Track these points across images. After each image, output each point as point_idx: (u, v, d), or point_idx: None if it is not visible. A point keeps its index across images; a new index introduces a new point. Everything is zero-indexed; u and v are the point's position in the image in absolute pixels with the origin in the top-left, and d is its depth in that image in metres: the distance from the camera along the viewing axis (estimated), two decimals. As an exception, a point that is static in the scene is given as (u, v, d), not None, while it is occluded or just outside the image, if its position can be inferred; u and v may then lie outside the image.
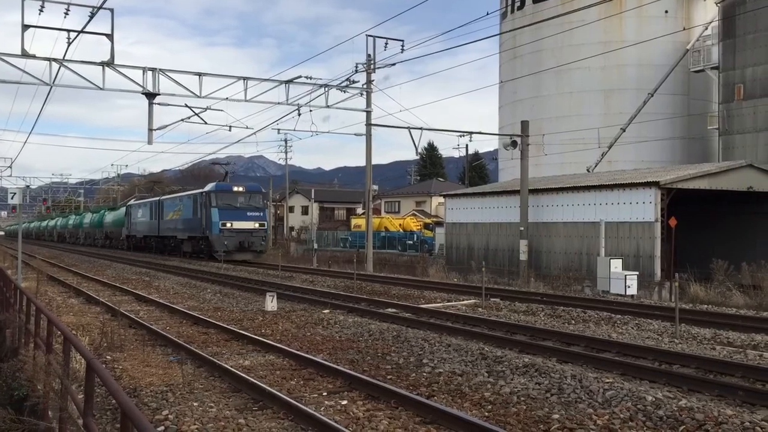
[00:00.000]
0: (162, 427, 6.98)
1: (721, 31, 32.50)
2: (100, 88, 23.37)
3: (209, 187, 37.31)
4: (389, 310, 16.07)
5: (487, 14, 25.31)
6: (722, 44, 32.37)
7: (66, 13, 21.33)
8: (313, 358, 10.13)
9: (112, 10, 21.87)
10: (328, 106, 28.74)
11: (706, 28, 35.34)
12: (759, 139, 30.66)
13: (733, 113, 31.72)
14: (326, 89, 28.54)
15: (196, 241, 37.57)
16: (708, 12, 36.68)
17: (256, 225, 35.90)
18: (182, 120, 27.97)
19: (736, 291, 20.04)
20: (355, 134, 35.18)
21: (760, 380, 8.76)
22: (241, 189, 36.65)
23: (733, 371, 9.17)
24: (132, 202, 54.04)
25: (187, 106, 26.66)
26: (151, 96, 23.93)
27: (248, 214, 35.73)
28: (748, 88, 31.26)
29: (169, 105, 26.03)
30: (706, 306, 17.42)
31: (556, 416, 7.22)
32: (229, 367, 9.30)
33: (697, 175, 23.90)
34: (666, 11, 36.62)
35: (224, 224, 34.71)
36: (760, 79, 30.77)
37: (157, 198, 46.47)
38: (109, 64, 22.89)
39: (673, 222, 22.44)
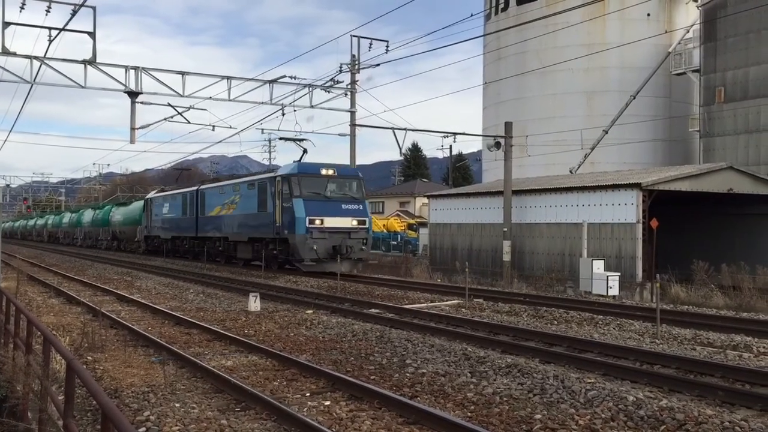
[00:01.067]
0: (143, 429, 6.93)
1: (703, 35, 32.83)
2: (82, 87, 23.21)
3: (288, 168, 26.71)
4: (373, 310, 16.06)
5: (472, 15, 25.53)
6: (703, 47, 32.70)
7: (48, 11, 21.19)
8: (296, 358, 10.11)
9: (94, 8, 21.78)
10: (312, 107, 28.75)
11: (688, 31, 35.69)
12: (739, 142, 31.01)
13: (714, 116, 32.05)
14: (310, 89, 28.55)
15: (263, 244, 27.69)
16: (690, 15, 37.04)
17: (355, 222, 25.72)
18: (165, 119, 27.90)
19: (717, 292, 20.27)
20: (339, 134, 35.17)
21: (739, 380, 8.85)
22: (331, 172, 26.30)
23: (713, 371, 9.25)
24: (153, 194, 43.52)
25: (170, 105, 26.58)
26: (133, 95, 23.81)
27: (344, 207, 25.81)
28: (728, 91, 31.60)
29: (151, 104, 25.97)
30: (686, 307, 17.58)
31: (538, 416, 7.25)
32: (212, 368, 9.26)
33: (678, 176, 24.12)
34: (648, 14, 36.93)
35: (312, 221, 24.71)
36: (740, 82, 31.11)
37: (194, 187, 35.84)
38: (91, 62, 22.74)
39: (654, 223, 22.64)
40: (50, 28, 21.48)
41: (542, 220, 26.40)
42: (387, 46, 29.50)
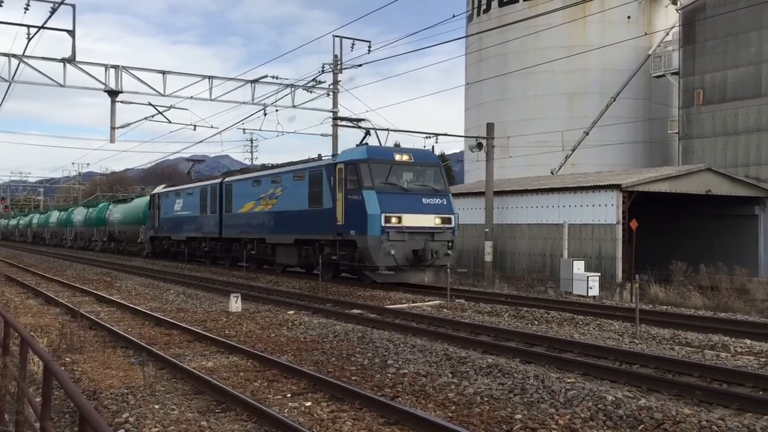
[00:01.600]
0: (122, 430, 6.88)
1: (682, 37, 33.20)
2: (61, 85, 22.99)
3: (354, 153, 21.79)
4: (354, 311, 16.05)
5: (454, 17, 25.64)
6: (682, 50, 33.06)
7: (26, 8, 20.95)
8: (278, 359, 10.08)
9: (73, 6, 21.60)
10: (294, 106, 28.69)
11: (667, 34, 36.06)
12: (717, 144, 31.38)
13: (693, 118, 32.41)
14: (292, 89, 28.49)
15: (316, 248, 22.77)
16: (669, 18, 37.43)
17: (438, 221, 20.93)
18: (146, 118, 27.72)
19: (695, 292, 20.50)
20: (321, 135, 35.07)
21: (717, 380, 8.95)
22: (406, 158, 21.56)
23: (691, 371, 9.35)
24: (161, 189, 38.26)
25: (150, 104, 26.41)
26: (113, 94, 23.64)
27: (425, 201, 21.07)
28: (707, 94, 31.96)
29: (132, 103, 25.76)
30: (665, 307, 17.74)
31: (518, 416, 7.28)
32: (192, 369, 9.20)
33: (657, 178, 24.37)
34: (628, 17, 37.26)
35: (388, 219, 20.07)
36: (718, 85, 31.49)
37: (217, 180, 31.19)
38: (71, 60, 22.53)
39: (634, 224, 22.85)
40: (29, 26, 21.28)
41: (523, 220, 26.54)
42: (369, 47, 29.51)
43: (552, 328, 13.49)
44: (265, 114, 28.51)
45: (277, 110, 28.79)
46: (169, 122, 27.79)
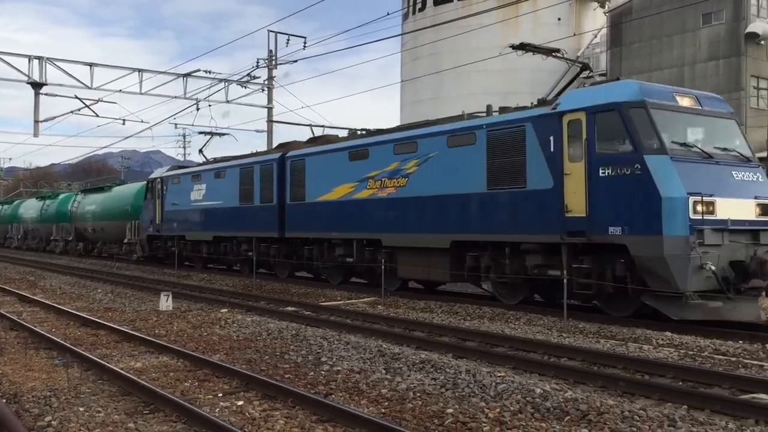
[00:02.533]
0: (44, 435, 6.65)
1: (609, 40, 34.27)
2: (-20, 76, 22.07)
3: (612, 92, 13.00)
4: (289, 308, 15.96)
5: (388, 14, 25.97)
6: (609, 52, 34.13)
7: (-59, -5, 20.03)
8: (209, 358, 9.93)
9: (-7, -6, 20.72)
10: (227, 101, 28.31)
11: (596, 36, 37.17)
12: (642, 143, 32.52)
13: (620, 118, 33.47)
14: (226, 84, 28.12)
15: (508, 256, 14.86)
16: (597, 21, 38.59)
17: (759, 210, 12.38)
18: (72, 112, 26.91)
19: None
20: (256, 131, 34.71)
21: (639, 371, 9.28)
22: (689, 102, 13.10)
23: (616, 363, 9.66)
24: (165, 172, 29.01)
25: (77, 97, 25.65)
26: (37, 86, 22.85)
27: (735, 175, 12.49)
28: (633, 95, 33.07)
29: (57, 96, 24.96)
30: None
31: (450, 410, 7.38)
32: (119, 370, 8.98)
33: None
34: (559, 18, 38.21)
35: (695, 206, 11.58)
36: (643, 86, 32.64)
37: (272, 155, 22.11)
38: (-9, 50, 21.61)
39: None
40: (-55, 13, 20.31)
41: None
42: (305, 43, 29.42)
43: (484, 324, 13.71)
44: (197, 109, 28.09)
45: (210, 105, 28.39)
46: (97, 116, 27.12)
